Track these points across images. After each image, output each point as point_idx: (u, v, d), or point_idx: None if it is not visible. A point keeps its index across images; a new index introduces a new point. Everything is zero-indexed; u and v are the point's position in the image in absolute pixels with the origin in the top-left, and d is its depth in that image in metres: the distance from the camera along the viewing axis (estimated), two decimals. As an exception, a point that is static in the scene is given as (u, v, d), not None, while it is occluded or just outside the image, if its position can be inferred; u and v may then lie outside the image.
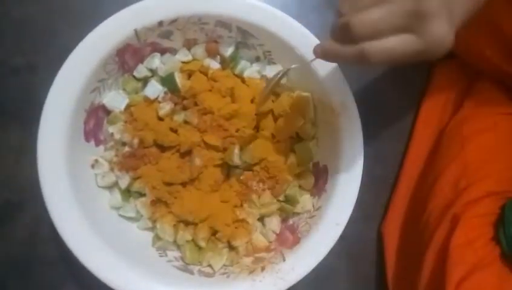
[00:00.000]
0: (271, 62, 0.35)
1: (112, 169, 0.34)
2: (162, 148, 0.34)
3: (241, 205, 0.34)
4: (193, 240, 0.34)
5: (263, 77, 0.35)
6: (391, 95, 0.41)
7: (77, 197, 0.31)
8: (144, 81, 0.35)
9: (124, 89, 0.35)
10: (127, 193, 0.35)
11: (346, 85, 0.33)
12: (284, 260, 0.32)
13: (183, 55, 0.35)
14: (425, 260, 0.35)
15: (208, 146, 0.34)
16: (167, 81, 0.34)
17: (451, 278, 0.32)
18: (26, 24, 0.39)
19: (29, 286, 0.38)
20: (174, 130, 0.34)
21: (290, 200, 0.35)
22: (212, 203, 0.34)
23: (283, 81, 0.35)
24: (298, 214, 0.35)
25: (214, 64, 0.35)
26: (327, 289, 0.39)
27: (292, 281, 0.31)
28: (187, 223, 0.34)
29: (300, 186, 0.35)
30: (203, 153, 0.34)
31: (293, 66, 0.31)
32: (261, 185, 0.34)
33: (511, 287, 0.32)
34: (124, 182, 0.34)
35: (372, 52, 0.23)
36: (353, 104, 0.32)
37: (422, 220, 0.37)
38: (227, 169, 0.35)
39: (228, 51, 0.35)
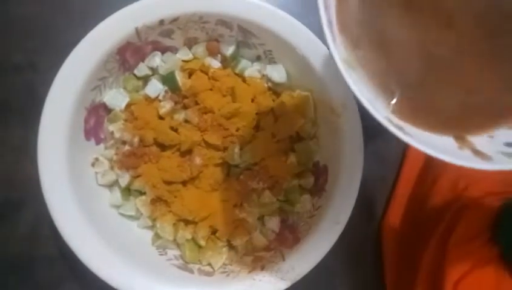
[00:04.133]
0: (272, 61, 0.35)
1: (112, 167, 0.34)
2: (162, 147, 0.34)
3: (241, 204, 0.34)
4: (193, 238, 0.34)
5: (264, 76, 0.35)
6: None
7: (78, 196, 0.31)
8: (145, 79, 0.35)
9: (124, 88, 0.35)
10: (127, 192, 0.35)
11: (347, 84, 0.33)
12: (283, 259, 0.32)
13: (184, 54, 0.35)
14: (423, 260, 0.35)
15: (208, 145, 0.34)
16: (168, 80, 0.34)
17: (449, 277, 0.32)
18: (28, 22, 0.39)
19: (29, 284, 0.38)
20: (175, 129, 0.34)
21: (290, 200, 0.35)
22: (212, 202, 0.34)
23: (283, 80, 0.35)
24: (298, 213, 0.35)
25: (215, 63, 0.35)
26: (326, 288, 0.39)
27: (291, 280, 0.31)
28: (187, 222, 0.34)
29: (300, 186, 0.35)
30: (203, 152, 0.34)
31: None
32: (261, 184, 0.34)
33: (508, 287, 0.32)
34: (124, 180, 0.34)
35: None
36: (354, 104, 0.32)
37: (421, 220, 0.37)
38: (227, 168, 0.35)
39: (229, 50, 0.35)
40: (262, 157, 0.34)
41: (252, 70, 0.35)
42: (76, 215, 0.31)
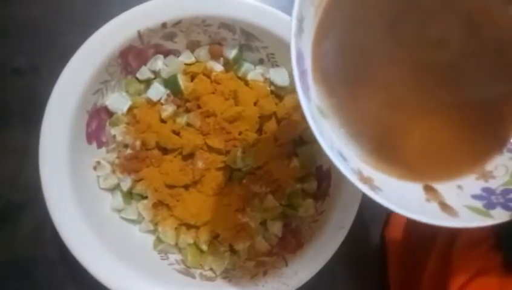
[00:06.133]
0: (275, 65, 0.35)
1: (114, 171, 0.34)
2: (164, 150, 0.34)
3: (243, 209, 0.34)
4: (195, 243, 0.34)
5: (267, 79, 0.35)
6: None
7: (79, 199, 0.31)
8: (147, 83, 0.35)
9: (127, 91, 0.35)
10: (129, 195, 0.34)
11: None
12: (286, 264, 0.32)
13: (186, 57, 0.35)
14: (427, 265, 0.34)
15: (211, 149, 0.34)
16: (170, 83, 0.34)
17: (452, 284, 0.32)
18: (29, 25, 0.39)
19: (31, 287, 0.37)
20: (177, 133, 0.34)
21: (293, 204, 0.34)
22: (214, 206, 0.34)
23: (286, 83, 0.35)
24: (301, 218, 0.35)
25: (217, 67, 0.35)
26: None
27: (294, 286, 0.31)
28: (189, 227, 0.34)
29: (303, 190, 0.35)
30: (206, 156, 0.34)
31: None
32: (263, 188, 0.34)
33: None
34: (126, 184, 0.34)
35: None
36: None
37: (425, 225, 0.37)
38: (230, 172, 0.34)
39: (232, 53, 0.35)
40: (265, 161, 0.34)
41: (254, 73, 0.35)
42: (77, 219, 0.31)
